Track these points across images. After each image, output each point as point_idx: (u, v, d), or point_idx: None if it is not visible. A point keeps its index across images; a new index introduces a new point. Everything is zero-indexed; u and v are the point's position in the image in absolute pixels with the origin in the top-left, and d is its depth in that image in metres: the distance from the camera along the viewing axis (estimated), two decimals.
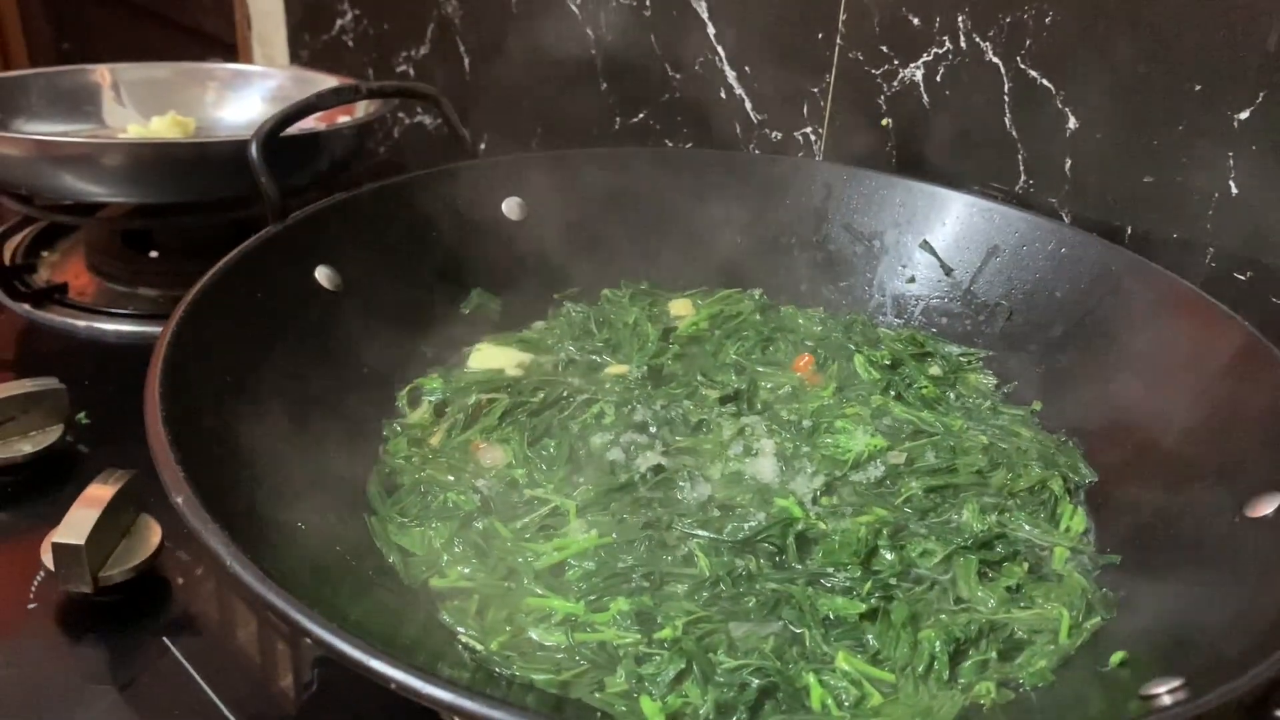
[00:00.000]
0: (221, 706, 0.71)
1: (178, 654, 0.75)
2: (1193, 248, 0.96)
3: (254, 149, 0.88)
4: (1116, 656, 0.64)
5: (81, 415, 0.99)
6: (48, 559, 0.76)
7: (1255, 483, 0.69)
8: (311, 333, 0.83)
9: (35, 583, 0.80)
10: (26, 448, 0.91)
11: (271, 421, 0.73)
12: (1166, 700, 0.54)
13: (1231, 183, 0.92)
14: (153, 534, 0.81)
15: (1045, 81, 1.02)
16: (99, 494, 0.78)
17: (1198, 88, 0.92)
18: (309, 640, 0.49)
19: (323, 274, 0.88)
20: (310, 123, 1.26)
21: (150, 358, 0.66)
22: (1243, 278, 0.94)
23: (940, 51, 1.09)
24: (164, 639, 0.76)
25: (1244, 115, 0.90)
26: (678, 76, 1.34)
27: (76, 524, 0.75)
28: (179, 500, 0.55)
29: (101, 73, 1.51)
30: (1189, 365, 0.82)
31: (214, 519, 0.54)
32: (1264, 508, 0.67)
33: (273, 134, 0.90)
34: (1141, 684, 0.57)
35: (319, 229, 0.89)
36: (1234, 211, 0.93)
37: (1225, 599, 0.64)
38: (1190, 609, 0.65)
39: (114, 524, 0.79)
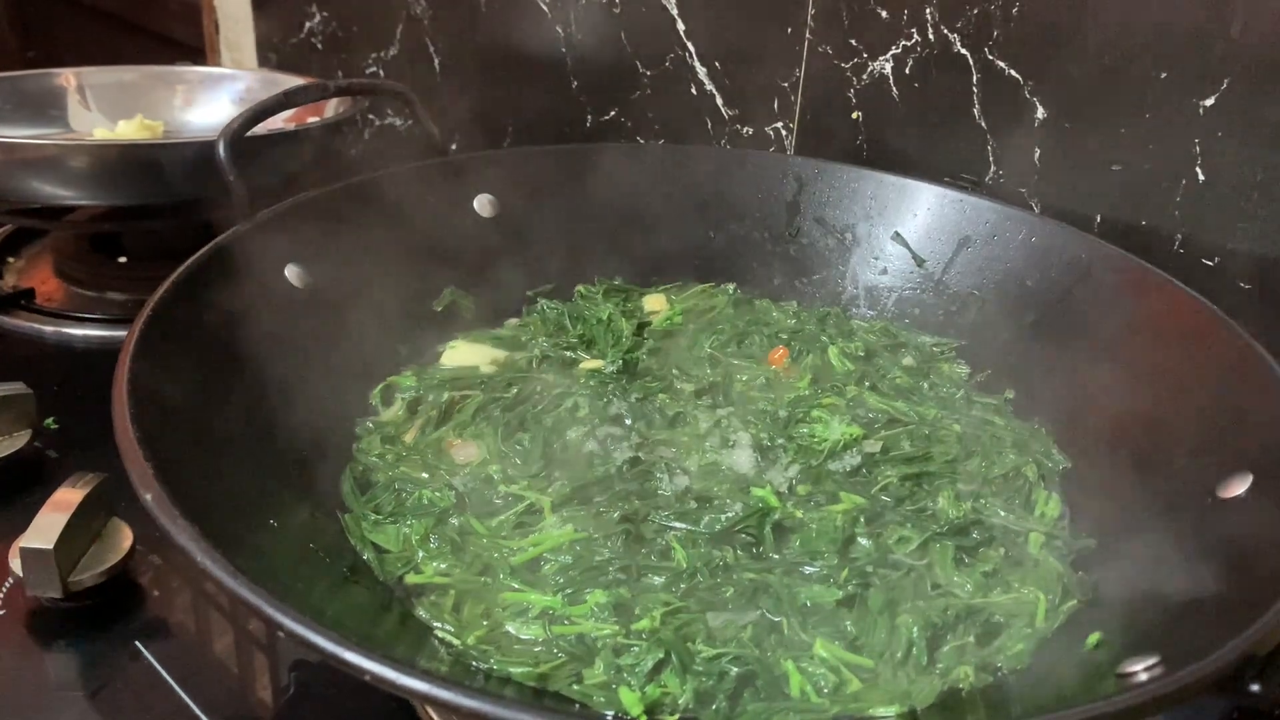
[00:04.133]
0: (196, 710, 0.70)
1: (150, 658, 0.74)
2: (1161, 234, 0.97)
3: (222, 147, 0.87)
4: (1093, 638, 0.64)
5: (49, 421, 0.97)
6: (16, 565, 0.75)
7: (1226, 464, 0.69)
8: (282, 331, 0.81)
9: (3, 590, 0.79)
10: None
11: (242, 419, 0.73)
12: (1143, 677, 0.54)
13: (1198, 169, 0.93)
14: (124, 538, 0.80)
15: (1013, 72, 1.03)
16: (68, 498, 0.77)
17: (1163, 75, 0.93)
18: (283, 635, 0.48)
19: (293, 272, 0.87)
20: (279, 123, 1.25)
21: (118, 357, 0.65)
22: (1211, 263, 0.94)
23: (909, 44, 1.09)
24: (136, 643, 0.75)
25: (1209, 102, 0.91)
26: (648, 73, 1.33)
27: (45, 528, 0.74)
28: (148, 498, 0.54)
29: (67, 76, 1.49)
30: (1159, 350, 0.83)
31: (184, 515, 0.53)
32: (1235, 488, 0.68)
33: (241, 132, 0.89)
34: (1118, 663, 0.57)
35: (289, 227, 0.88)
36: (1201, 198, 0.94)
37: (1200, 579, 0.64)
38: (1165, 590, 0.65)
39: (84, 528, 0.78)
